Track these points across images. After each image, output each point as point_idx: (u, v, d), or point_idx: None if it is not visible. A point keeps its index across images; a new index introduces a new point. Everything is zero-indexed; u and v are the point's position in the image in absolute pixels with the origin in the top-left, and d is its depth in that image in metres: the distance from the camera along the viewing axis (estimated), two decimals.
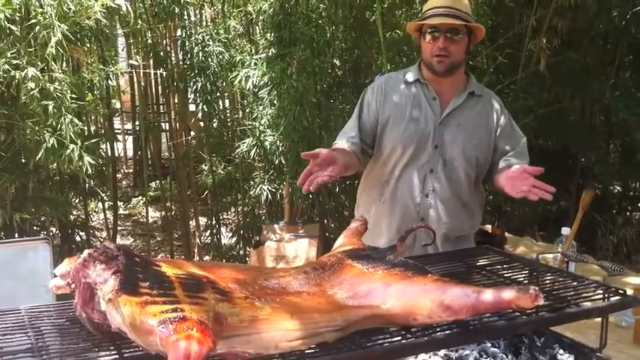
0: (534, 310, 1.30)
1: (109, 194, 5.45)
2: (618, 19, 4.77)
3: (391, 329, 1.26)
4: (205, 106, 4.48)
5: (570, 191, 5.12)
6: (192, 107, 5.02)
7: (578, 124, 5.55)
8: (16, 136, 3.31)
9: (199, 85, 4.41)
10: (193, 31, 4.51)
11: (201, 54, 4.34)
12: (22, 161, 3.48)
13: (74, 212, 4.67)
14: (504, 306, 1.22)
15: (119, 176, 7.18)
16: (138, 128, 5.92)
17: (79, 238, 4.34)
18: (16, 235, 3.47)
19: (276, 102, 4.06)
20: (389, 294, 1.25)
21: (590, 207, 2.94)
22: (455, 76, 2.18)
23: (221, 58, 4.35)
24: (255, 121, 4.26)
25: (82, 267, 1.13)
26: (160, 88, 6.32)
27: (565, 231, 2.77)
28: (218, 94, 4.79)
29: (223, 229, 5.51)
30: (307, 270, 1.38)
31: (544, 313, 1.35)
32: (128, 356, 1.12)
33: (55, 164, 3.46)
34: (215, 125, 5.20)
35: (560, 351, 1.57)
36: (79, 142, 3.17)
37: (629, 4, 4.49)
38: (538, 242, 4.17)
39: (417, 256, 1.85)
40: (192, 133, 5.76)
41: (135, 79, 5.94)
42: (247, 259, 4.67)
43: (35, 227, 3.86)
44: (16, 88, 3.12)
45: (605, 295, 1.45)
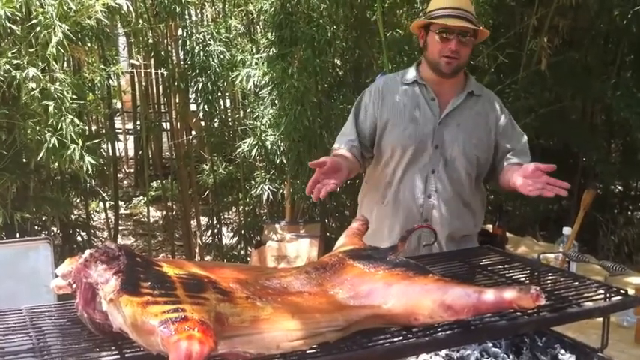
0: (536, 310, 1.30)
1: (110, 194, 5.46)
2: (619, 19, 4.76)
3: (392, 329, 1.26)
4: (206, 106, 4.47)
5: (571, 191, 5.10)
6: (193, 107, 5.01)
7: (580, 124, 5.54)
8: (17, 136, 3.31)
9: (200, 84, 4.41)
10: (194, 31, 4.51)
11: (202, 53, 4.34)
12: (24, 161, 3.48)
13: (75, 212, 4.67)
14: (506, 306, 1.22)
15: (120, 176, 7.18)
16: (139, 128, 5.93)
17: (80, 238, 4.33)
18: (18, 234, 3.46)
19: (277, 102, 4.06)
20: (390, 294, 1.25)
21: (591, 207, 2.95)
22: (456, 76, 2.17)
23: (222, 57, 4.34)
24: (256, 121, 4.26)
25: (84, 267, 1.14)
26: (161, 87, 6.31)
27: (566, 231, 2.77)
28: (219, 94, 4.79)
29: (224, 229, 5.50)
30: (308, 270, 1.38)
31: (545, 313, 1.35)
32: (129, 356, 1.12)
33: (56, 164, 3.47)
34: (216, 125, 5.19)
35: (562, 351, 1.57)
36: (80, 142, 3.17)
37: (631, 4, 4.47)
38: (539, 242, 4.17)
39: (418, 256, 1.85)
40: (194, 133, 5.75)
41: (136, 79, 5.93)
42: (248, 259, 4.66)
43: (36, 227, 3.86)
44: (17, 88, 3.13)
45: (607, 294, 1.44)
